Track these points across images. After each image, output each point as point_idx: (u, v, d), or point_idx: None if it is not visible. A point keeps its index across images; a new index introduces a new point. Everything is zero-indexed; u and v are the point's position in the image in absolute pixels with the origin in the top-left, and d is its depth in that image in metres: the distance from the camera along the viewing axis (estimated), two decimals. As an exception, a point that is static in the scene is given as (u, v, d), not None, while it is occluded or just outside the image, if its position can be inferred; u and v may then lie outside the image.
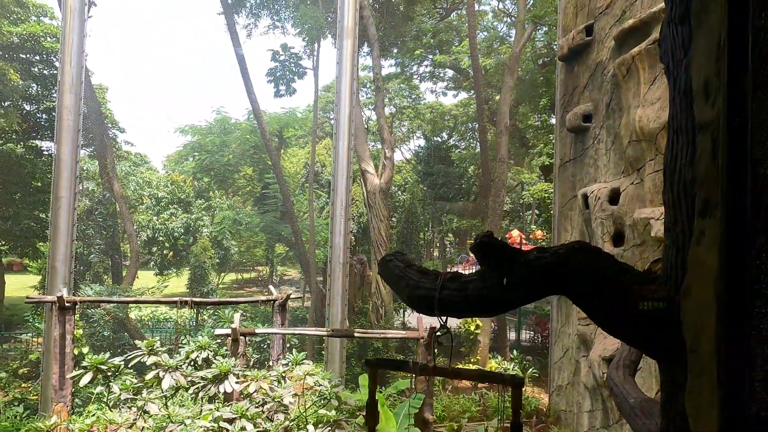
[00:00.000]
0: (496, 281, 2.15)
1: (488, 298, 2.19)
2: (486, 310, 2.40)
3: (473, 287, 2.16)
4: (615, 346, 7.08)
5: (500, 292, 2.14)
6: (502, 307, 2.28)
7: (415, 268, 2.37)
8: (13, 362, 13.92)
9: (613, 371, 3.15)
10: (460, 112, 33.24)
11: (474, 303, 2.22)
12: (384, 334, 8.57)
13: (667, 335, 1.84)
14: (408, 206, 20.09)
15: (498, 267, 2.15)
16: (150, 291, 16.89)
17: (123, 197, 17.11)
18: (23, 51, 19.02)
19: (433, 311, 2.32)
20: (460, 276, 2.23)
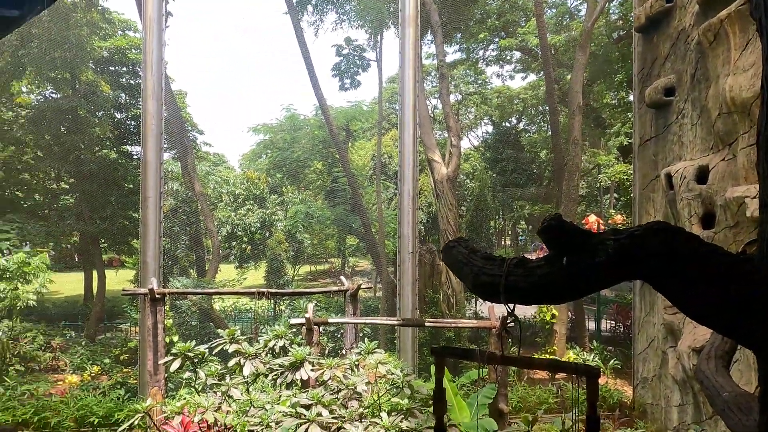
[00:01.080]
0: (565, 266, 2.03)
1: (557, 284, 2.08)
2: (555, 297, 2.29)
3: (541, 273, 2.06)
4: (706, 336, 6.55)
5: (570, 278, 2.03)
6: (573, 293, 2.15)
7: (480, 253, 2.30)
8: (115, 349, 15.26)
9: (703, 363, 2.91)
10: (529, 95, 32.06)
11: (542, 289, 2.12)
12: (455, 324, 8.48)
13: (764, 322, 1.66)
14: (477, 194, 19.71)
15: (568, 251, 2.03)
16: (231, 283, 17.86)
17: (204, 195, 18.16)
18: (112, 63, 20.60)
19: (498, 298, 2.24)
20: (527, 261, 2.13)
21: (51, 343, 15.15)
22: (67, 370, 14.31)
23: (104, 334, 17.78)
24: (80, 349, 15.25)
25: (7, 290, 13.26)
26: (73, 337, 16.62)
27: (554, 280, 2.07)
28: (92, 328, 17.43)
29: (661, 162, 9.32)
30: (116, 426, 9.87)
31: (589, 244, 2.04)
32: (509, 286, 2.13)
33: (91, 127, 18.94)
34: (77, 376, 13.13)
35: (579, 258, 2.02)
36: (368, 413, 6.85)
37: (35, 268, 13.96)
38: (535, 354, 13.57)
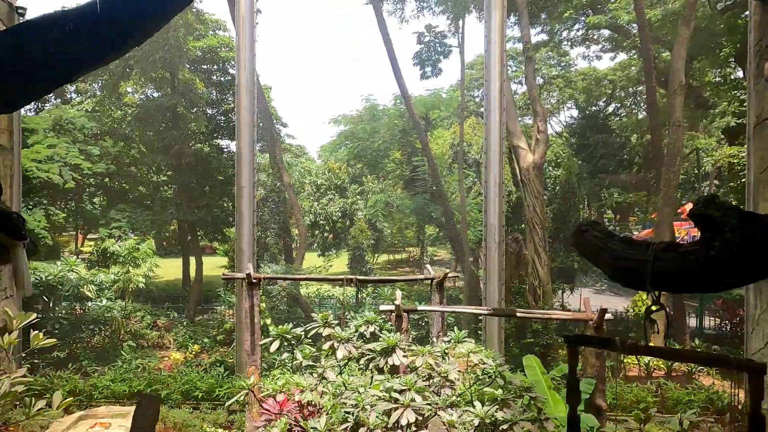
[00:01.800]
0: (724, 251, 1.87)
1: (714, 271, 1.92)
2: (711, 286, 2.11)
3: (696, 258, 1.91)
4: None
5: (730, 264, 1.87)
6: (733, 281, 1.98)
7: (618, 237, 2.18)
8: (212, 330, 16.37)
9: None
10: (618, 75, 30.14)
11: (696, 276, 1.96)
12: (548, 315, 8.21)
13: None
14: (564, 182, 18.89)
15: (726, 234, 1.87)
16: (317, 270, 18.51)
17: (291, 185, 18.90)
18: (204, 62, 21.89)
19: (642, 285, 2.11)
20: (677, 246, 1.98)
21: (157, 323, 16.54)
22: (171, 347, 15.56)
23: (202, 316, 19.12)
24: (182, 328, 16.51)
25: (120, 273, 14.60)
26: (176, 318, 18.03)
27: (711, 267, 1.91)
28: (191, 309, 18.80)
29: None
30: (217, 400, 10.61)
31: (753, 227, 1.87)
32: (657, 272, 2.00)
33: (187, 122, 20.30)
34: (181, 353, 14.24)
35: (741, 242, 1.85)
36: (461, 401, 6.83)
37: (143, 253, 15.27)
38: (630, 350, 12.82)
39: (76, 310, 14.55)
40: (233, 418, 9.90)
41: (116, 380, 11.07)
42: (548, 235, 15.71)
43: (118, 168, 20.86)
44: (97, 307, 14.43)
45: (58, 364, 12.76)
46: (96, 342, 14.39)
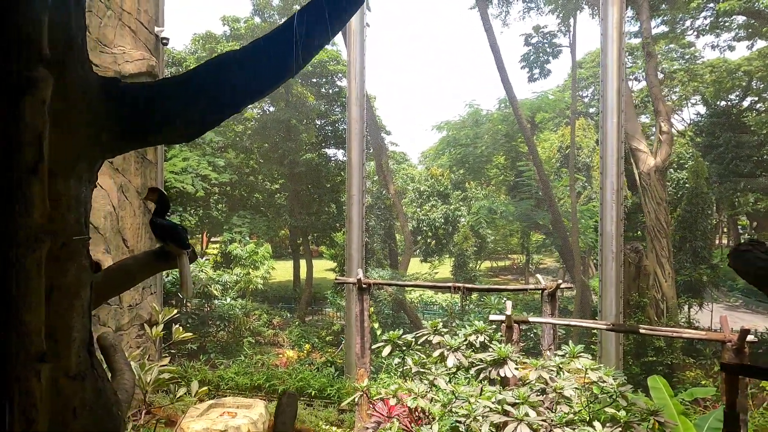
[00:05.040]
0: None
1: None
2: None
3: None
4: None
5: None
6: None
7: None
8: (321, 331, 17.19)
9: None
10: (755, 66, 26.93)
11: None
12: (678, 333, 7.50)
13: None
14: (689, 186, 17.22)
15: None
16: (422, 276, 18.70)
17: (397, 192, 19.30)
18: (314, 76, 23.12)
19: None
20: None
21: (272, 322, 17.71)
22: (285, 345, 16.57)
23: (312, 317, 20.14)
24: (295, 328, 17.53)
25: (242, 274, 15.86)
26: (288, 318, 19.18)
27: None
28: (302, 310, 19.88)
29: None
30: (328, 398, 11.10)
31: None
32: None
33: (299, 134, 21.56)
34: (294, 351, 15.12)
35: None
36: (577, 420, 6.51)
37: (261, 256, 16.46)
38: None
39: (205, 307, 16.06)
40: (343, 417, 10.31)
41: (239, 373, 12.04)
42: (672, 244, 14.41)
43: (240, 177, 22.71)
44: (222, 304, 15.81)
45: (190, 355, 14.19)
46: (221, 337, 15.76)
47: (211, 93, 1.97)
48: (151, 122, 1.98)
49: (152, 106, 1.94)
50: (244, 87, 2.03)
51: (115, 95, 1.83)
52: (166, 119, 2.00)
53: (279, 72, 2.01)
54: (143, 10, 9.70)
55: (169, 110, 1.98)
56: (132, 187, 9.46)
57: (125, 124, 1.90)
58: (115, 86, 1.84)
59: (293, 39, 1.95)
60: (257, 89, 2.08)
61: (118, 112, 1.84)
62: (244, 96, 2.12)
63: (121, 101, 1.87)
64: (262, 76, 2.00)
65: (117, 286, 2.86)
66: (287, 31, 1.97)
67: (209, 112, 2.06)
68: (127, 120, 1.90)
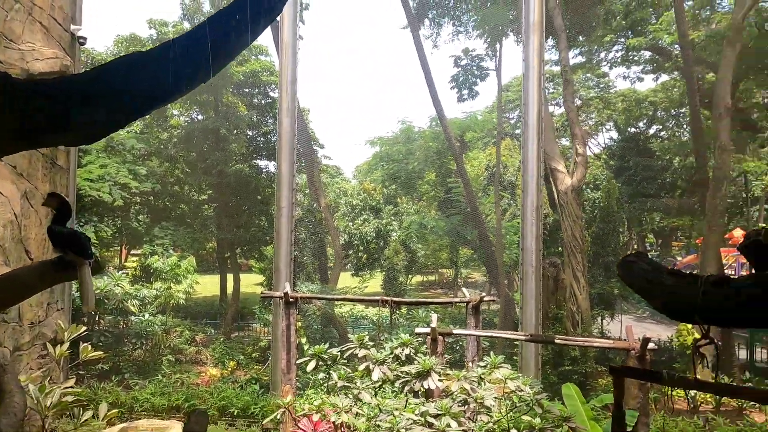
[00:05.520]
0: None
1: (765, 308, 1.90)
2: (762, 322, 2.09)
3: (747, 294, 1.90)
4: None
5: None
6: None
7: (667, 270, 2.18)
8: (247, 347, 16.63)
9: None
10: (659, 97, 29.56)
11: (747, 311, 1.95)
12: (589, 343, 8.01)
13: None
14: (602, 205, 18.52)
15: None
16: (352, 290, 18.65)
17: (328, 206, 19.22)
18: (247, 86, 22.68)
19: (692, 319, 2.11)
20: (728, 280, 1.98)
21: (195, 338, 16.92)
22: (209, 363, 15.87)
23: (237, 333, 19.45)
24: (219, 345, 16.84)
25: (162, 289, 15.08)
26: (213, 334, 18.41)
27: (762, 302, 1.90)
28: (228, 326, 19.17)
29: (841, 169, 8.03)
30: (252, 418, 10.73)
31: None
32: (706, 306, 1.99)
33: (229, 144, 20.99)
34: (217, 369, 14.51)
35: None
36: (497, 429, 6.72)
37: (184, 270, 15.74)
38: (674, 381, 12.30)
39: (120, 324, 15.07)
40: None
41: (156, 394, 11.35)
42: (587, 259, 15.38)
43: (163, 187, 21.69)
44: (140, 321, 14.91)
45: (102, 376, 13.21)
46: (137, 355, 14.82)
47: (119, 92, 1.88)
48: (48, 121, 1.86)
49: (50, 103, 1.83)
50: (154, 88, 1.96)
51: (2, 90, 1.71)
52: (66, 118, 1.88)
53: (191, 75, 1.96)
54: (57, 6, 9.10)
55: (71, 109, 1.87)
56: (38, 194, 8.75)
57: (15, 122, 1.77)
58: (3, 81, 1.72)
59: (206, 44, 1.91)
60: (169, 91, 2.01)
61: (5, 109, 1.71)
62: (153, 99, 2.05)
63: (10, 97, 1.75)
64: (173, 77, 1.94)
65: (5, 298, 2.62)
66: (200, 36, 1.93)
67: (117, 111, 1.97)
68: (17, 118, 1.78)
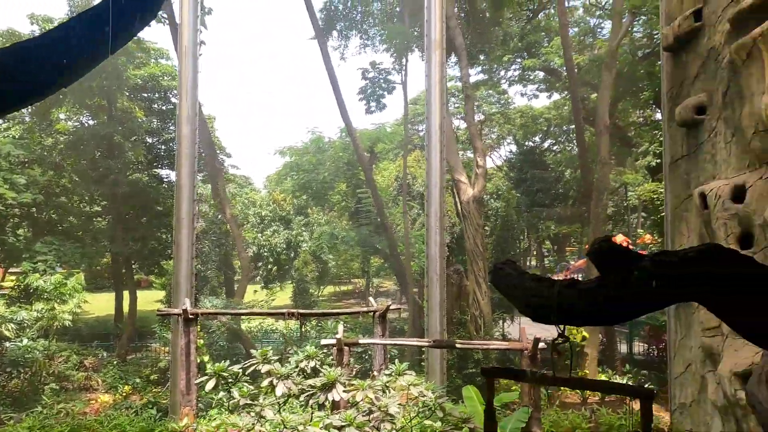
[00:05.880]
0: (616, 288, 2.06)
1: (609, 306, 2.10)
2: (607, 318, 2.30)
3: (593, 295, 2.09)
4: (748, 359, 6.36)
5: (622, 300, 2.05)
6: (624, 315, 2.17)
7: (529, 275, 2.34)
8: (145, 369, 15.51)
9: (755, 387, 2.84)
10: (553, 114, 31.98)
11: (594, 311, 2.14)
12: (486, 345, 8.42)
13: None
14: (503, 214, 19.64)
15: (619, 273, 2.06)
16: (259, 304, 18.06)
17: (233, 217, 18.54)
18: (145, 90, 21.38)
19: (549, 319, 2.27)
20: (578, 283, 2.16)
21: (84, 363, 15.48)
22: (100, 389, 14.58)
23: (135, 354, 18.08)
24: (112, 368, 15.54)
25: (44, 310, 13.66)
26: (105, 357, 16.96)
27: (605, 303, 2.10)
28: (123, 347, 17.76)
29: (694, 181, 9.16)
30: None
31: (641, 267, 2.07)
32: (561, 307, 2.16)
33: (124, 151, 19.61)
34: (110, 395, 13.37)
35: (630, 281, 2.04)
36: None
37: (71, 288, 14.38)
38: (566, 377, 13.27)
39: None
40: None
41: (35, 428, 10.21)
42: (489, 266, 16.18)
43: (47, 198, 19.74)
44: (17, 347, 13.37)
45: (-32, 412, 11.66)
46: (13, 386, 13.27)
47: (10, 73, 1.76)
48: None
49: None
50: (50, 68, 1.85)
51: None
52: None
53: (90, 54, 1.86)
54: None
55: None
56: None
57: None
58: None
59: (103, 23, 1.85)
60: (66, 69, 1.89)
61: None
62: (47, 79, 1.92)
63: None
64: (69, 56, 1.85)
65: None
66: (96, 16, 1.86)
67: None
68: None
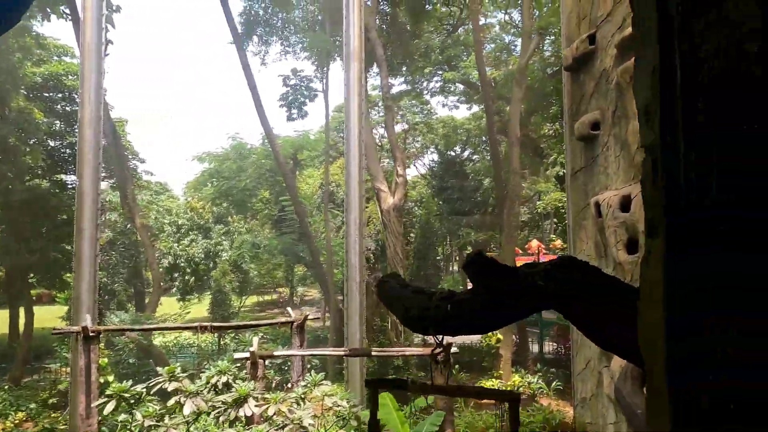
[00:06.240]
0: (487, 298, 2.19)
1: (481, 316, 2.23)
2: (480, 328, 2.44)
3: (466, 305, 2.21)
4: (636, 355, 6.95)
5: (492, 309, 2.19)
6: (495, 323, 2.32)
7: (411, 288, 2.43)
8: (42, 392, 14.22)
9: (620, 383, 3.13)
10: (472, 125, 33.24)
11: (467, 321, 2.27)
12: (402, 352, 8.57)
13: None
14: (424, 222, 20.12)
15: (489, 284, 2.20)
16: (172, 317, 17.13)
17: (144, 226, 17.54)
18: (47, 90, 19.77)
19: (428, 330, 2.37)
20: (454, 294, 2.28)
21: (-32, 389, 13.95)
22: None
23: (31, 377, 16.54)
24: (3, 394, 14.10)
25: None
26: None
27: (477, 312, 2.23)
28: (18, 370, 16.19)
29: (591, 191, 9.93)
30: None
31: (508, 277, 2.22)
32: (437, 318, 2.27)
33: (21, 155, 18.00)
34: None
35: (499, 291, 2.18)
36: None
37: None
38: (482, 379, 13.82)
39: None
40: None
41: None
42: (410, 273, 16.50)
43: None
44: None
45: None
46: None
47: None
48: None
49: None
50: None
51: None
52: None
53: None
54: None
55: None
56: None
57: None
58: None
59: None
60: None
61: None
62: None
63: None
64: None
65: None
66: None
67: None
68: None
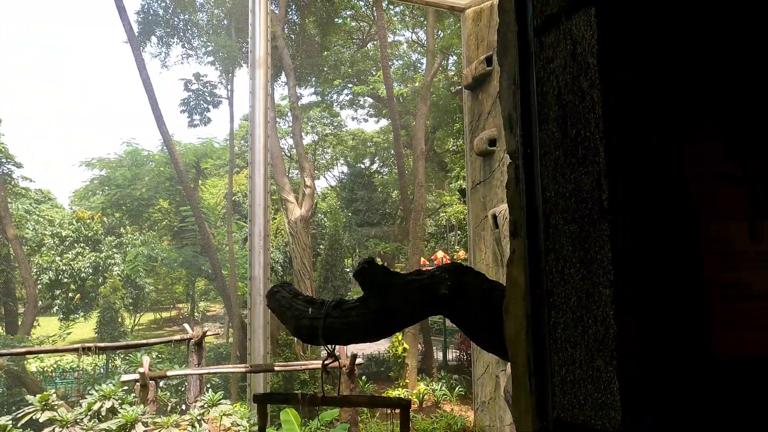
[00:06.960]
0: (377, 306, 2.19)
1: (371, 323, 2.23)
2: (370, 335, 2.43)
3: (356, 313, 2.19)
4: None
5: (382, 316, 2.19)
6: (385, 331, 2.32)
7: (302, 297, 2.37)
8: None
9: (509, 384, 3.28)
10: (381, 138, 33.91)
11: (358, 329, 2.25)
12: (305, 366, 8.40)
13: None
14: (331, 233, 20.06)
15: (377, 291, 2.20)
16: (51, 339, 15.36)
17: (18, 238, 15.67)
18: None
19: (318, 341, 2.32)
20: (343, 303, 2.25)
21: None
22: None
23: None
24: None
25: None
26: None
27: (367, 320, 2.22)
28: None
29: (489, 204, 10.49)
30: None
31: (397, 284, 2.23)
32: (328, 328, 2.23)
33: None
34: None
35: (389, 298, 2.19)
36: (210, 472, 6.39)
37: None
38: (389, 389, 13.93)
39: None
40: None
41: None
42: (317, 284, 16.30)
43: None
44: None
45: None
46: None
47: None
48: None
49: None
50: None
51: None
52: None
53: None
54: None
55: None
56: None
57: None
58: None
59: None
60: None
61: None
62: None
63: None
64: None
65: None
66: None
67: None
68: None
